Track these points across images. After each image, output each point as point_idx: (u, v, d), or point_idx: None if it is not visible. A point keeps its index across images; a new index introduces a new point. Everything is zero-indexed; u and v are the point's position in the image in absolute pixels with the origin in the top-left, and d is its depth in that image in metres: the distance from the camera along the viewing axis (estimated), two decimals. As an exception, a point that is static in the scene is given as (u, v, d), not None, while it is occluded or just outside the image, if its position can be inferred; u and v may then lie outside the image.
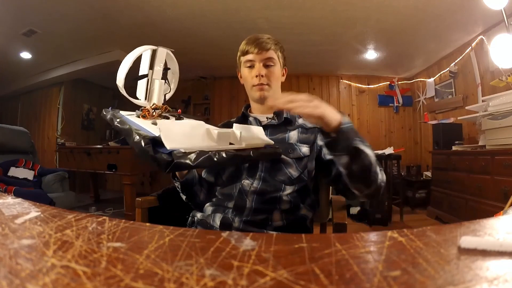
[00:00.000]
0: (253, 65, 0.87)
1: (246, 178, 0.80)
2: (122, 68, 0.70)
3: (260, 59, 0.86)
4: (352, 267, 0.22)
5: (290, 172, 0.80)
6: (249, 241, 0.28)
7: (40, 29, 3.06)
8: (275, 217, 0.77)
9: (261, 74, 0.85)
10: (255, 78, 0.86)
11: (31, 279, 0.19)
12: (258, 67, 0.86)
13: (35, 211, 0.37)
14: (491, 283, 0.19)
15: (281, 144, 0.81)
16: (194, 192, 0.87)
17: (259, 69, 0.86)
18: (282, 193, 0.78)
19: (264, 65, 0.87)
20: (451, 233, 0.29)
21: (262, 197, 0.77)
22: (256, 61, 0.86)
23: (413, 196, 3.58)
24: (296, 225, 0.79)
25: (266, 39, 0.88)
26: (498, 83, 2.53)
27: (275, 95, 0.90)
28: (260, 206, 0.77)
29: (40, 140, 4.59)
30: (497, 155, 2.17)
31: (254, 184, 0.78)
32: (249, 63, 0.88)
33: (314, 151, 0.85)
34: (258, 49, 0.86)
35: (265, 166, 0.81)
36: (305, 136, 0.86)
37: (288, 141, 0.84)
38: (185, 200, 0.89)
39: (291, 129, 0.87)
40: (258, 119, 0.92)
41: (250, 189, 0.78)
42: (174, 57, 0.81)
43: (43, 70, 4.19)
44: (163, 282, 0.19)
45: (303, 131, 0.87)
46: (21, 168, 2.63)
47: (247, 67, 0.89)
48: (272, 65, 0.87)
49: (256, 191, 0.78)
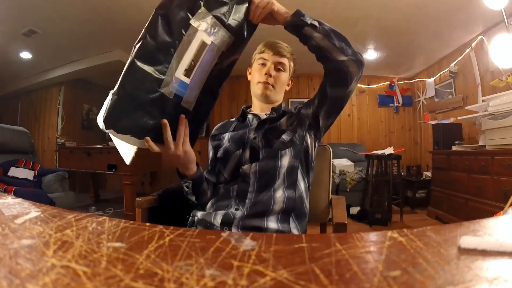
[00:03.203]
0: (265, 64, 0.93)
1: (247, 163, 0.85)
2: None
3: (273, 60, 0.92)
4: (352, 267, 0.22)
5: (286, 156, 0.85)
6: (249, 241, 0.28)
7: (40, 29, 3.06)
8: (276, 194, 0.79)
9: (270, 73, 0.91)
10: (264, 76, 0.92)
11: (31, 279, 0.19)
12: (269, 67, 0.92)
13: (35, 211, 0.37)
14: (491, 283, 0.19)
15: (274, 131, 0.88)
16: (203, 190, 0.87)
17: (269, 69, 0.92)
18: (281, 161, 0.83)
19: (275, 67, 0.92)
20: (451, 233, 0.29)
21: (263, 175, 0.81)
22: (269, 61, 0.92)
23: (413, 196, 3.58)
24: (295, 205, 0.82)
25: (284, 47, 0.95)
26: (498, 83, 2.53)
27: (277, 97, 0.96)
28: (261, 186, 0.80)
29: (40, 140, 4.59)
30: (497, 155, 2.17)
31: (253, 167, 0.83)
32: (262, 61, 0.93)
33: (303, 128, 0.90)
34: (274, 52, 0.92)
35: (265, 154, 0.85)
36: (292, 119, 0.91)
37: (280, 128, 0.90)
38: (194, 200, 0.87)
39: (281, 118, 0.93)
40: (258, 116, 0.96)
41: (250, 170, 0.82)
42: None
43: (43, 70, 4.19)
44: (163, 282, 0.19)
45: (290, 116, 0.92)
46: (21, 168, 2.63)
47: (259, 64, 0.94)
48: (282, 70, 0.93)
49: (258, 171, 0.82)
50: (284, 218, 0.79)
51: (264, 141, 0.86)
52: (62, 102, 4.60)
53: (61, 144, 4.07)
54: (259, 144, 0.86)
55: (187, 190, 0.85)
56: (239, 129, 0.94)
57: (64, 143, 4.06)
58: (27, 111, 4.80)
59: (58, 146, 4.13)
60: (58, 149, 4.05)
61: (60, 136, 4.49)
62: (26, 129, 2.94)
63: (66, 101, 4.63)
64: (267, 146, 0.85)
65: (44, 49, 3.54)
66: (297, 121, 0.90)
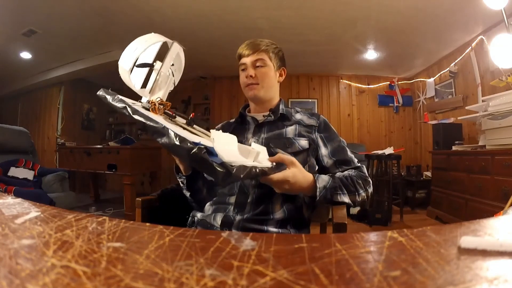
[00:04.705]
0: (245, 68, 0.92)
1: None
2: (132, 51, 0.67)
3: (250, 61, 0.91)
4: (352, 267, 0.22)
5: (287, 150, 0.83)
6: (249, 241, 0.28)
7: (40, 29, 3.06)
8: (275, 208, 0.79)
9: (250, 75, 0.90)
10: (246, 79, 0.91)
11: (31, 279, 0.19)
12: (248, 69, 0.91)
13: (35, 211, 0.37)
14: (491, 283, 0.19)
15: (278, 139, 0.86)
16: (198, 187, 0.87)
17: (248, 71, 0.91)
18: None
19: (254, 67, 0.91)
20: (451, 233, 0.29)
21: (262, 190, 0.79)
22: (247, 63, 0.91)
23: (413, 196, 3.58)
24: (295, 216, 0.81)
25: (259, 41, 0.92)
26: (498, 83, 2.53)
27: (268, 94, 0.94)
28: (261, 198, 0.79)
29: (40, 140, 4.59)
30: (497, 155, 2.17)
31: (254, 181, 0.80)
32: (243, 66, 0.93)
33: (314, 145, 0.88)
34: (248, 52, 0.91)
35: None
36: (303, 130, 0.89)
37: (285, 136, 0.88)
38: (188, 196, 0.88)
39: (288, 125, 0.91)
40: (255, 118, 0.95)
41: (251, 183, 0.81)
42: (184, 56, 0.81)
43: (43, 70, 4.19)
44: (163, 282, 0.19)
45: (301, 126, 0.90)
46: (21, 168, 2.63)
47: (241, 70, 0.94)
48: (262, 66, 0.91)
49: (257, 185, 0.80)
50: (284, 225, 0.79)
51: None
52: (62, 102, 4.61)
53: (61, 144, 4.07)
54: None
55: (182, 185, 0.86)
56: (237, 131, 0.93)
57: (64, 143, 4.07)
58: (27, 111, 4.80)
59: (58, 146, 4.13)
60: (58, 149, 4.05)
61: (60, 136, 4.49)
62: (26, 129, 2.94)
63: (66, 101, 4.63)
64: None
65: (44, 49, 3.54)
66: (308, 139, 0.88)
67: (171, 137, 0.51)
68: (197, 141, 0.51)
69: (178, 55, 0.78)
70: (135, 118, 0.56)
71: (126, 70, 0.67)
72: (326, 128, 0.92)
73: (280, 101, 0.97)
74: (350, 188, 0.79)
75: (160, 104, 0.67)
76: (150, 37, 0.70)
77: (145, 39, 0.69)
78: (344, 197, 0.78)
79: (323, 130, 0.92)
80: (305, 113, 0.96)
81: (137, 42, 0.68)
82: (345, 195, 0.78)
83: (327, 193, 0.75)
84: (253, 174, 0.54)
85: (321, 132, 0.91)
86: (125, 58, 0.67)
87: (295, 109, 0.98)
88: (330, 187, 0.76)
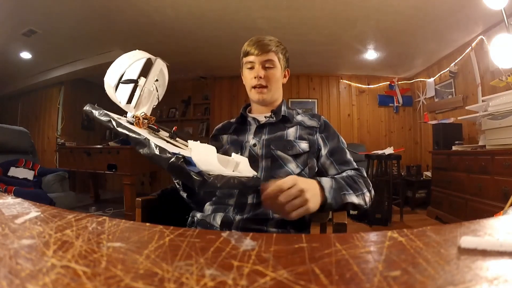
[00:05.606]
0: (253, 67, 0.89)
1: None
2: (117, 68, 0.69)
3: (259, 61, 0.88)
4: (352, 267, 0.22)
5: (290, 168, 0.82)
6: (249, 241, 0.28)
7: (40, 29, 3.06)
8: None
9: (259, 75, 0.87)
10: (254, 80, 0.89)
11: (31, 279, 0.19)
12: (257, 69, 0.88)
13: (35, 211, 0.37)
14: (491, 283, 0.19)
15: (279, 141, 0.84)
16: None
17: (257, 71, 0.88)
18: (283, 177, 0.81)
19: (263, 67, 0.88)
20: (451, 233, 0.29)
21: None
22: (256, 62, 0.88)
23: (413, 196, 3.58)
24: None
25: (268, 41, 0.89)
26: (498, 83, 2.53)
27: (274, 96, 0.93)
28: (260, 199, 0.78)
29: (40, 140, 4.59)
30: (497, 155, 2.17)
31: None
32: (250, 65, 0.90)
33: (315, 147, 0.87)
34: (258, 51, 0.88)
35: (265, 165, 0.82)
36: (304, 132, 0.88)
37: (286, 138, 0.86)
38: (185, 197, 0.88)
39: (289, 126, 0.90)
40: (256, 119, 0.93)
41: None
42: (167, 72, 0.82)
43: (43, 70, 4.19)
44: (163, 282, 0.19)
45: (302, 128, 0.89)
46: (21, 168, 2.63)
47: (247, 68, 0.91)
48: (271, 67, 0.89)
49: (257, 190, 0.78)
50: (284, 225, 0.78)
51: (265, 151, 0.83)
52: (62, 102, 4.61)
53: (61, 144, 4.07)
54: (258, 152, 0.84)
55: (178, 186, 0.85)
56: (238, 132, 0.93)
57: (64, 143, 4.06)
58: (27, 111, 4.80)
59: (58, 146, 4.13)
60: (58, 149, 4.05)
61: (60, 136, 4.49)
62: (26, 129, 2.94)
63: (66, 101, 4.63)
64: (267, 156, 0.83)
65: (44, 49, 3.54)
66: (309, 141, 0.87)
67: (151, 147, 0.54)
68: (176, 151, 0.52)
69: (162, 70, 0.79)
70: (119, 131, 0.60)
71: (111, 86, 0.70)
72: (327, 129, 0.92)
73: (282, 102, 0.96)
74: (354, 186, 0.77)
75: (144, 119, 0.69)
76: (134, 54, 0.72)
77: (129, 56, 0.71)
78: (352, 197, 0.74)
79: (324, 130, 0.91)
80: (306, 114, 0.95)
81: (122, 59, 0.70)
82: (352, 194, 0.74)
83: (336, 194, 0.71)
84: (231, 184, 0.56)
85: (322, 133, 0.90)
86: (110, 74, 0.69)
87: (296, 111, 0.97)
88: (336, 187, 0.72)
